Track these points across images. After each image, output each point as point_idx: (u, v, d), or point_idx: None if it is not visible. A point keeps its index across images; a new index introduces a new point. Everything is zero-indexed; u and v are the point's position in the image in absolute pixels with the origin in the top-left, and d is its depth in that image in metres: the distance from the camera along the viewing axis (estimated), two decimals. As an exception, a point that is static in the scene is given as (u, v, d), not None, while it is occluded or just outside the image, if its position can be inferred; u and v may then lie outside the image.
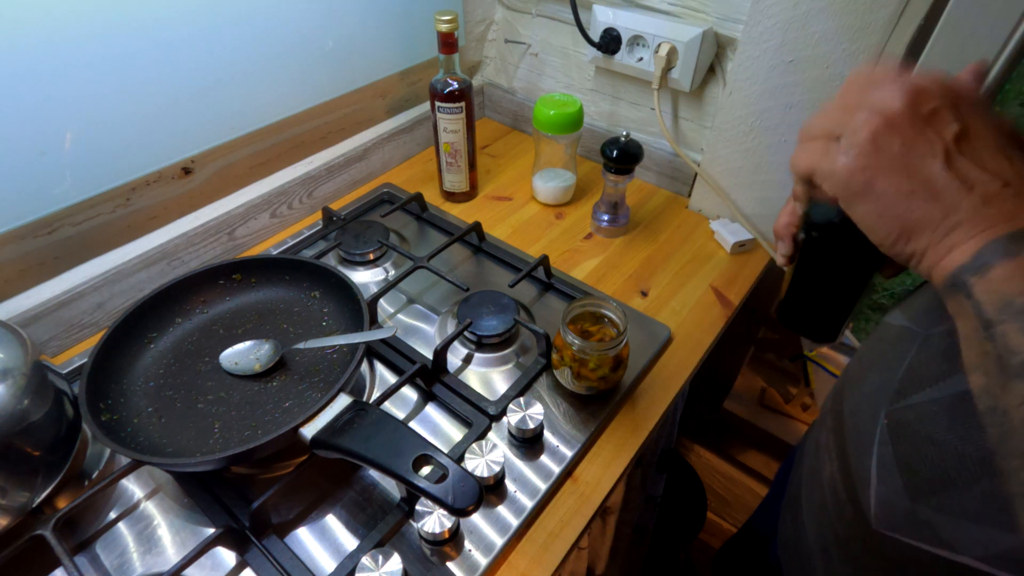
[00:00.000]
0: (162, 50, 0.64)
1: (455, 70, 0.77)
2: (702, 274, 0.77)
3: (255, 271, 0.67)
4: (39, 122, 0.58)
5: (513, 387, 0.61)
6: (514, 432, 0.56)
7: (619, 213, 0.82)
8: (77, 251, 0.66)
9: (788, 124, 0.72)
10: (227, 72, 0.71)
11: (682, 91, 0.82)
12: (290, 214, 0.84)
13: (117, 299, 0.69)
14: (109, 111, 0.62)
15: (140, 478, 0.55)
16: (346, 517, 0.52)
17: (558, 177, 0.87)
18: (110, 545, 0.51)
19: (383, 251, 0.79)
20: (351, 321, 0.62)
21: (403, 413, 0.61)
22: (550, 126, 0.80)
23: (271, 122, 0.78)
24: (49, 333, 0.65)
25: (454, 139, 0.82)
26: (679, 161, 0.87)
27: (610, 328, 0.59)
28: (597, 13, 0.82)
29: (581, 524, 0.52)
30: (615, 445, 0.58)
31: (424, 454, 0.44)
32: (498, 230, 0.84)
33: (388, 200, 0.89)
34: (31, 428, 0.47)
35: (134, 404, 0.56)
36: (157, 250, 0.70)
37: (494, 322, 0.65)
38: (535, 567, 0.50)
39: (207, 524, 0.52)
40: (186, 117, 0.69)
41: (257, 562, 0.49)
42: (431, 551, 0.50)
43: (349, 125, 0.89)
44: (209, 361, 0.60)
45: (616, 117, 0.93)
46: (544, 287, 0.74)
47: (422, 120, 0.97)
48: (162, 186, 0.70)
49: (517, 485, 0.54)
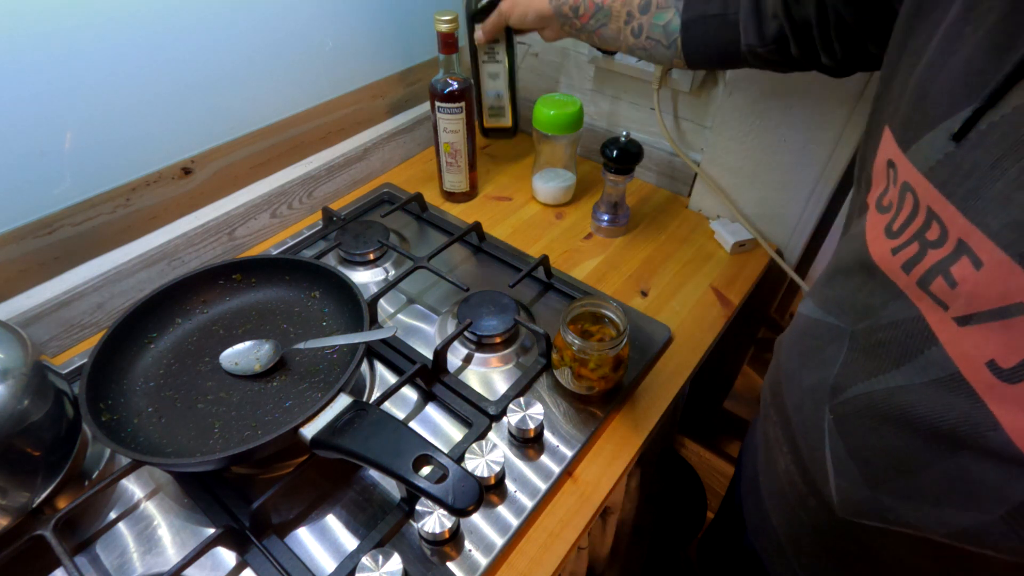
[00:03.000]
0: (162, 50, 0.64)
1: (455, 70, 0.77)
2: (702, 274, 0.77)
3: (255, 271, 0.67)
4: (39, 122, 0.58)
5: (513, 387, 0.61)
6: (514, 432, 0.56)
7: (619, 213, 0.82)
8: (77, 251, 0.66)
9: (788, 124, 0.72)
10: (227, 72, 0.71)
11: (682, 91, 0.82)
12: (290, 214, 0.84)
13: (117, 299, 0.69)
14: (109, 111, 0.62)
15: (140, 478, 0.55)
16: (346, 517, 0.52)
17: (558, 177, 0.87)
18: (110, 545, 0.51)
19: (383, 251, 0.79)
20: (351, 321, 0.62)
21: (403, 413, 0.61)
22: (550, 126, 0.80)
23: (271, 122, 0.78)
24: (49, 333, 0.65)
25: (454, 139, 0.82)
26: (679, 161, 0.87)
27: (610, 328, 0.59)
28: (597, 13, 0.82)
29: (581, 524, 0.52)
30: (615, 445, 0.58)
31: (424, 454, 0.44)
32: (498, 230, 0.84)
33: (388, 200, 0.90)
34: (31, 428, 0.47)
35: (134, 404, 0.56)
36: (157, 250, 0.70)
37: (494, 322, 0.65)
38: (535, 567, 0.50)
39: (207, 524, 0.52)
40: (186, 117, 0.69)
41: (257, 562, 0.49)
42: (431, 551, 0.50)
43: (349, 125, 0.89)
44: (209, 361, 0.60)
45: (616, 117, 0.93)
46: (544, 287, 0.74)
47: (422, 120, 0.97)
48: (162, 186, 0.70)
49: (517, 485, 0.54)
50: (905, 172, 0.32)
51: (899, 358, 0.33)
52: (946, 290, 0.30)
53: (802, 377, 0.41)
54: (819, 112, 0.69)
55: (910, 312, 0.32)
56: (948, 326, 0.30)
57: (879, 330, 0.34)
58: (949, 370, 0.30)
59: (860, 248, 0.36)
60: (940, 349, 0.31)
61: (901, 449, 0.33)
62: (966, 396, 0.30)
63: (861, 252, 0.36)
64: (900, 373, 0.33)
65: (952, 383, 0.30)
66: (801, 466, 0.42)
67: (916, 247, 0.31)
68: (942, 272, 0.30)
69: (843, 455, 0.37)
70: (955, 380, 0.30)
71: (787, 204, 0.78)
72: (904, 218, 0.32)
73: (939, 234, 0.30)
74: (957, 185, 0.28)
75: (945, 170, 0.29)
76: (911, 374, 0.32)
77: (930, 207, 0.30)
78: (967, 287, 0.28)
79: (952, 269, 0.29)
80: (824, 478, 0.39)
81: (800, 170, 0.74)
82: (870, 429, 0.35)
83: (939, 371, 0.31)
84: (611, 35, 0.62)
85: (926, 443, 0.32)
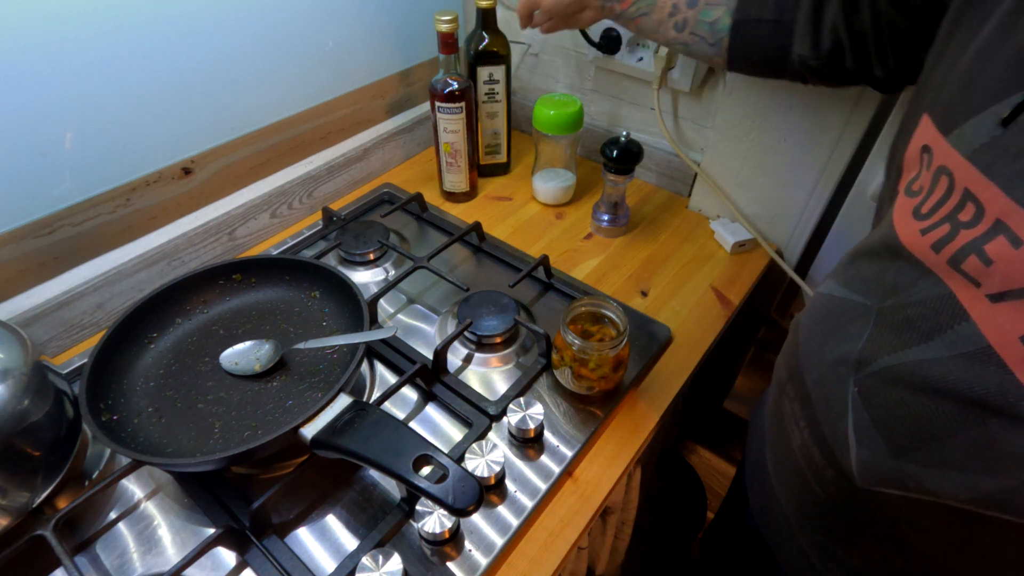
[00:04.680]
0: (162, 50, 0.64)
1: (455, 70, 0.77)
2: (702, 274, 0.77)
3: (255, 271, 0.67)
4: (39, 122, 0.58)
5: (513, 387, 0.61)
6: (514, 432, 0.56)
7: (619, 213, 0.82)
8: (77, 251, 0.66)
9: (788, 124, 0.72)
10: (227, 72, 0.71)
11: (682, 91, 0.82)
12: (290, 214, 0.84)
13: (117, 299, 0.69)
14: (109, 111, 0.62)
15: (140, 478, 0.55)
16: (346, 517, 0.52)
17: (558, 177, 0.87)
18: (110, 545, 0.51)
19: (383, 251, 0.79)
20: (351, 321, 0.62)
21: (403, 413, 0.61)
22: (550, 126, 0.80)
23: (271, 122, 0.78)
24: (49, 333, 0.65)
25: (454, 139, 0.82)
26: (679, 161, 0.87)
27: (610, 328, 0.59)
28: (597, 13, 0.82)
29: (581, 524, 0.52)
30: (615, 445, 0.58)
31: (424, 454, 0.44)
32: (498, 230, 0.84)
33: (388, 200, 0.90)
34: (31, 428, 0.47)
35: (134, 404, 0.56)
36: (157, 250, 0.70)
37: (494, 322, 0.65)
38: (535, 567, 0.50)
39: (207, 524, 0.52)
40: (186, 117, 0.69)
41: (257, 562, 0.49)
42: (431, 551, 0.50)
43: (349, 125, 0.89)
44: (209, 361, 0.60)
45: (616, 117, 0.93)
46: (544, 287, 0.74)
47: (422, 120, 0.97)
48: (162, 186, 0.70)
49: (517, 485, 0.54)
50: (943, 156, 0.34)
51: (928, 333, 0.34)
52: (980, 268, 0.31)
53: (824, 353, 0.42)
54: (819, 112, 0.69)
55: (939, 290, 0.33)
56: (980, 302, 0.31)
57: (907, 307, 0.35)
58: (980, 344, 0.31)
59: (887, 231, 0.38)
60: (971, 324, 0.32)
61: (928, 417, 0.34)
62: (996, 367, 0.31)
63: (887, 234, 0.38)
64: (928, 347, 0.34)
65: (983, 356, 0.31)
66: (819, 439, 0.42)
67: (947, 228, 0.33)
68: (975, 251, 0.31)
69: (867, 425, 0.38)
70: (986, 353, 0.31)
71: (787, 204, 0.78)
72: (935, 200, 0.34)
73: (973, 213, 0.31)
74: (1003, 167, 0.30)
75: (990, 153, 0.31)
76: (940, 348, 0.33)
77: (968, 188, 0.32)
78: (1003, 265, 0.30)
79: (987, 247, 0.31)
80: (844, 449, 0.40)
81: (800, 170, 0.74)
82: (897, 400, 0.36)
83: (969, 345, 0.32)
84: (650, 25, 0.61)
85: (955, 411, 0.33)
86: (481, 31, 0.81)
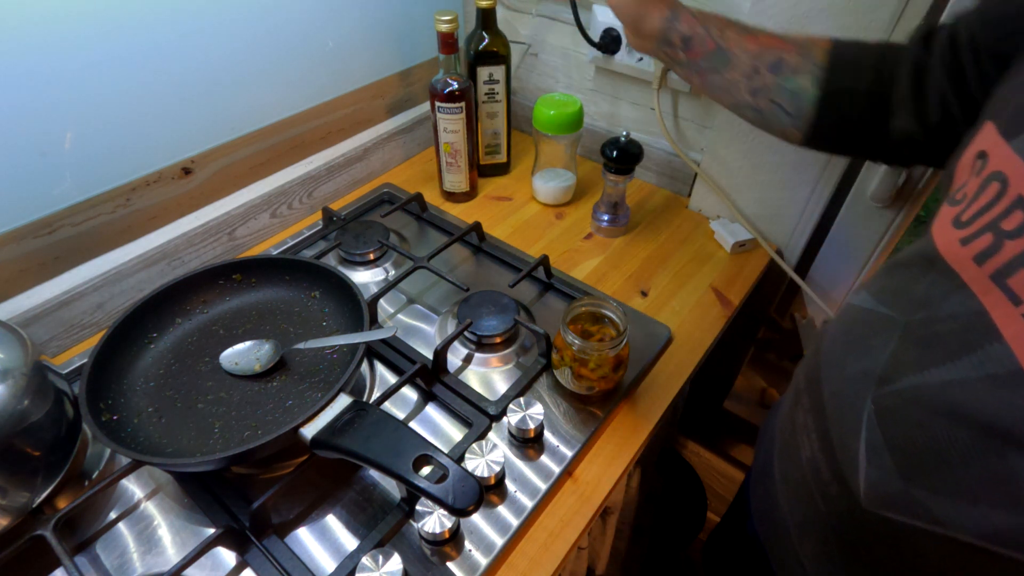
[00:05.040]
0: (162, 50, 0.64)
1: (455, 70, 0.78)
2: (702, 274, 0.77)
3: (255, 271, 0.67)
4: (39, 122, 0.58)
5: (513, 387, 0.61)
6: (514, 432, 0.56)
7: (619, 213, 0.82)
8: (77, 251, 0.66)
9: (788, 124, 0.72)
10: (227, 72, 0.71)
11: (682, 91, 0.82)
12: (290, 214, 0.84)
13: (117, 299, 0.69)
14: (109, 111, 0.62)
15: (140, 478, 0.55)
16: (346, 517, 0.52)
17: (558, 177, 0.87)
18: (110, 545, 0.51)
19: (383, 251, 0.79)
20: (351, 321, 0.62)
21: (403, 413, 0.61)
22: (550, 126, 0.80)
23: (271, 122, 0.78)
24: (49, 333, 0.65)
25: (454, 139, 0.82)
26: (679, 161, 0.87)
27: (610, 328, 0.59)
28: (597, 13, 0.82)
29: (581, 524, 0.52)
30: (615, 445, 0.58)
31: (424, 454, 0.44)
32: (498, 230, 0.84)
33: (388, 200, 0.90)
34: (31, 428, 0.47)
35: (134, 404, 0.56)
36: (157, 250, 0.70)
37: (494, 322, 0.65)
38: (535, 567, 0.50)
39: (207, 524, 0.52)
40: (186, 117, 0.69)
41: (257, 562, 0.49)
42: (431, 551, 0.50)
43: (349, 125, 0.89)
44: (209, 361, 0.60)
45: (616, 117, 0.93)
46: (544, 287, 0.74)
47: (422, 120, 0.97)
48: (162, 186, 0.70)
49: (517, 485, 0.54)
50: (1000, 161, 0.32)
51: (955, 351, 0.32)
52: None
53: (845, 365, 0.41)
54: (819, 112, 0.69)
55: (971, 305, 0.32)
56: (1015, 322, 0.29)
57: (936, 322, 0.34)
58: (1011, 366, 0.29)
59: (925, 240, 0.36)
60: (1004, 345, 0.30)
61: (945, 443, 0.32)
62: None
63: (925, 243, 0.36)
64: (954, 367, 0.32)
65: (1012, 380, 0.29)
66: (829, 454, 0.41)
67: (990, 238, 0.31)
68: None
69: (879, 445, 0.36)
70: (1016, 377, 0.29)
71: (787, 204, 0.78)
72: (978, 207, 0.32)
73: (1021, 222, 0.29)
74: None
75: None
76: (966, 368, 0.31)
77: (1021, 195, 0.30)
78: None
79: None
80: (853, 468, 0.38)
81: (800, 170, 0.74)
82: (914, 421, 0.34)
83: (999, 367, 0.30)
84: (721, 83, 0.55)
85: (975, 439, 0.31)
86: (481, 31, 0.81)
